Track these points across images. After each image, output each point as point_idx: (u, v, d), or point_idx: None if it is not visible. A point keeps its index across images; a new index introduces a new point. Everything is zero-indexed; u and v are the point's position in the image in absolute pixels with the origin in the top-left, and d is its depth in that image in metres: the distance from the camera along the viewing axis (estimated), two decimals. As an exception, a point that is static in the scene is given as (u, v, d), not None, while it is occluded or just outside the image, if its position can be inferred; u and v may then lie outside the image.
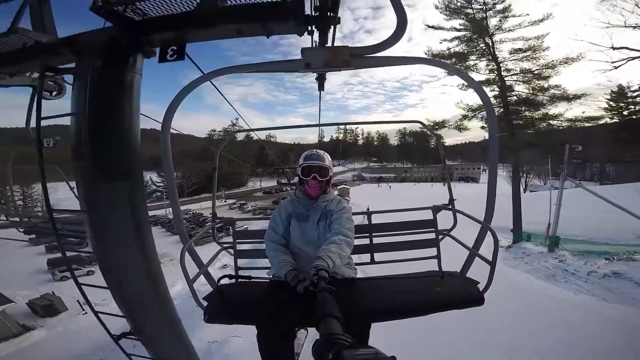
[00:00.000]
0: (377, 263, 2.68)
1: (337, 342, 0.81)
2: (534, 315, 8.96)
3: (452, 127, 19.91)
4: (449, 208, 2.80)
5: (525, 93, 17.50)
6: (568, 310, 9.39)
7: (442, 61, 2.45)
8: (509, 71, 17.75)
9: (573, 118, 17.28)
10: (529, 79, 17.55)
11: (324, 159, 2.04)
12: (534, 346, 7.52)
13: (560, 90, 17.12)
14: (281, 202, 2.26)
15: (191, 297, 1.98)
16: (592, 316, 8.91)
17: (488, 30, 18.18)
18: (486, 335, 7.81)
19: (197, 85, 1.75)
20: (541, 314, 9.11)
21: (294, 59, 1.70)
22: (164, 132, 1.86)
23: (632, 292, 9.86)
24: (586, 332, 7.83)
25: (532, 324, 8.41)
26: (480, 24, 18.35)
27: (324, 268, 1.50)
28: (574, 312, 9.08)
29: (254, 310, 1.82)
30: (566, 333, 8.02)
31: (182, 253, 1.94)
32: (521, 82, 17.48)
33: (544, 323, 8.45)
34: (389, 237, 2.72)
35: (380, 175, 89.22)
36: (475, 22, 18.49)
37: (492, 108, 1.87)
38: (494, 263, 1.81)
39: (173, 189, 2.16)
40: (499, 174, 2.13)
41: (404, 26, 1.55)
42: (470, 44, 18.74)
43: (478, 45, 18.49)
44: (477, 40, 18.55)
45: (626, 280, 10.38)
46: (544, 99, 17.47)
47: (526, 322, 8.52)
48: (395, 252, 2.64)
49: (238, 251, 2.78)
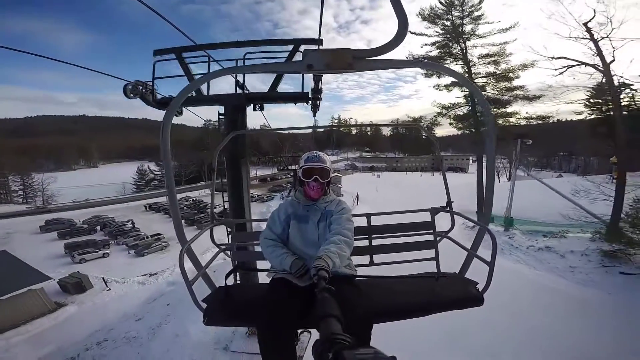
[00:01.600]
0: (376, 265, 2.63)
1: (337, 342, 0.81)
2: (473, 276, 11.42)
3: (427, 122, 22.14)
4: (447, 210, 2.79)
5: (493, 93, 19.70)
6: (503, 274, 11.76)
7: (443, 65, 2.53)
8: (477, 74, 19.89)
9: (527, 116, 19.64)
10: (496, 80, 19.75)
11: (325, 161, 2.07)
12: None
13: (522, 91, 19.41)
14: (280, 203, 2.25)
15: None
16: (522, 280, 11.21)
17: (463, 37, 20.20)
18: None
19: (200, 84, 1.85)
20: (480, 275, 11.57)
21: (296, 61, 1.72)
22: (164, 130, 1.82)
23: (555, 262, 12.40)
24: (515, 293, 9.81)
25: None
26: (457, 30, 20.31)
27: (324, 268, 1.48)
28: (508, 276, 11.01)
29: (254, 312, 1.80)
30: (496, 291, 10.44)
31: (181, 255, 1.92)
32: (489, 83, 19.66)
33: (480, 282, 10.90)
34: (388, 239, 2.71)
35: (373, 165, 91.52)
36: (454, 28, 20.44)
37: (489, 108, 1.88)
38: (493, 264, 1.85)
39: (174, 198, 2.05)
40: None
41: (406, 29, 1.56)
42: (445, 49, 20.75)
43: (453, 50, 20.52)
44: (452, 46, 20.57)
45: (553, 253, 12.90)
46: (510, 98, 19.75)
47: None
48: (394, 254, 2.63)
49: (236, 253, 2.76)
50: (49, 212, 41.15)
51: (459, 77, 1.92)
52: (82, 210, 42.58)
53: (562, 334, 8.18)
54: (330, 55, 1.65)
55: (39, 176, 56.69)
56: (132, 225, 31.84)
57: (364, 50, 1.65)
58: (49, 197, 54.43)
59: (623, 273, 10.69)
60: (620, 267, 10.97)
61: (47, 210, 42.01)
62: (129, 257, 23.97)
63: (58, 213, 40.00)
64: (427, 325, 3.23)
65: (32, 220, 37.09)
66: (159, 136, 1.81)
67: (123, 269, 20.60)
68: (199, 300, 1.94)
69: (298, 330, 2.01)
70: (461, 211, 2.80)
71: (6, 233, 32.18)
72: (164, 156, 1.88)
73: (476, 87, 1.87)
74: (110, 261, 22.82)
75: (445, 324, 4.85)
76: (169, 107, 1.78)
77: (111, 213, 38.94)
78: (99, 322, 14.04)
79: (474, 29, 20.21)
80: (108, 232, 29.87)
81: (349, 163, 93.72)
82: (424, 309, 1.95)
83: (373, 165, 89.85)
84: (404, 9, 1.51)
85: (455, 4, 20.39)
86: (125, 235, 27.82)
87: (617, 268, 10.95)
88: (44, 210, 42.29)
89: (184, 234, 2.10)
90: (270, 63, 1.94)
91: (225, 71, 1.84)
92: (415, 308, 1.95)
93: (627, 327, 8.40)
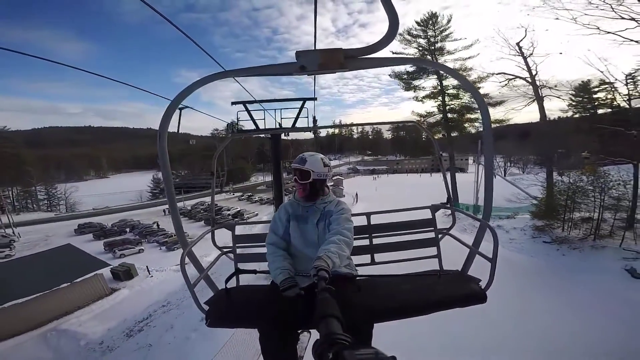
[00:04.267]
0: (377, 264, 2.62)
1: (337, 342, 0.81)
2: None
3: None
4: (447, 207, 2.78)
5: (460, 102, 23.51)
6: (458, 248, 15.66)
7: (435, 62, 2.42)
8: (447, 86, 23.72)
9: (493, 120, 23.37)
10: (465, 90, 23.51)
11: (305, 162, 2.03)
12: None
13: (487, 99, 23.15)
14: (281, 205, 2.25)
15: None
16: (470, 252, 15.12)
17: (435, 53, 24.02)
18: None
19: (193, 90, 1.79)
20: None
21: (289, 63, 1.72)
22: (161, 136, 1.85)
23: (501, 236, 16.09)
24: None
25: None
26: (430, 48, 24.13)
27: (323, 268, 1.47)
28: (461, 249, 15.11)
29: (255, 314, 1.82)
30: (447, 259, 14.35)
31: (182, 258, 1.93)
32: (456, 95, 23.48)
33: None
34: (389, 238, 2.70)
35: (374, 168, 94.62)
36: (428, 45, 24.26)
37: (485, 107, 1.85)
38: (495, 260, 1.83)
39: (173, 201, 2.13)
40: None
41: (396, 27, 1.54)
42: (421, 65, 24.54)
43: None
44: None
45: (502, 230, 16.64)
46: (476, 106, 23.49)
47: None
48: (395, 252, 2.62)
49: (238, 255, 2.78)
50: (78, 217, 45.63)
51: (451, 72, 2.01)
52: (107, 215, 46.90)
53: (494, 284, 12.01)
54: (322, 56, 1.67)
55: (61, 186, 61.54)
56: (157, 226, 35.90)
57: (355, 50, 1.66)
58: (72, 205, 59.00)
59: (545, 242, 14.40)
60: (544, 237, 14.69)
61: (77, 216, 46.52)
62: (160, 252, 27.96)
63: (88, 218, 44.39)
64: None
65: (63, 225, 41.53)
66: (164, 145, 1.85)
67: (158, 261, 24.43)
68: (201, 303, 1.99)
69: (298, 331, 1.96)
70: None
71: (46, 236, 36.57)
72: (162, 165, 2.00)
73: (472, 85, 1.88)
74: (146, 255, 26.72)
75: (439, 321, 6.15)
76: (165, 112, 1.82)
77: (134, 217, 43.05)
78: (147, 302, 17.99)
79: (444, 46, 24.10)
80: (138, 233, 34.00)
81: (351, 167, 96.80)
82: (425, 307, 1.94)
83: (374, 169, 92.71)
84: (394, 7, 1.52)
85: (429, 23, 24.28)
86: (153, 235, 31.86)
87: (541, 238, 14.71)
88: (74, 216, 46.85)
89: (185, 237, 2.19)
90: (262, 66, 1.87)
91: (218, 76, 1.81)
92: (416, 307, 1.94)
93: (539, 277, 12.10)
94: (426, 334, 7.87)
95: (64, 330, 15.94)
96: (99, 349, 14.34)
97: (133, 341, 14.19)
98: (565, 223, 14.52)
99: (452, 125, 23.69)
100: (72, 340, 15.06)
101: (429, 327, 6.82)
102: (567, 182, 15.08)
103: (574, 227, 14.20)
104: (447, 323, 6.67)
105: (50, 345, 15.00)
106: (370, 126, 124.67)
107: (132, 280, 21.20)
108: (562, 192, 15.27)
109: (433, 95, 24.17)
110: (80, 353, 14.15)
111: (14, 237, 35.17)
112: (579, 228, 14.08)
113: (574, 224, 14.20)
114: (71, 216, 47.67)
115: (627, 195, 13.81)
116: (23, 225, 40.48)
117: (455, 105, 23.88)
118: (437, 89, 23.91)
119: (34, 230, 39.21)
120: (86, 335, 15.36)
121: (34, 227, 41.36)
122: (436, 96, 23.98)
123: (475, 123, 23.54)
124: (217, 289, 2.37)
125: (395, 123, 43.57)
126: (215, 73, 1.80)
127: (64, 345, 14.88)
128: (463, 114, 23.85)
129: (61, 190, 60.94)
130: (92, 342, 14.82)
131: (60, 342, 15.10)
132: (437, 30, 24.25)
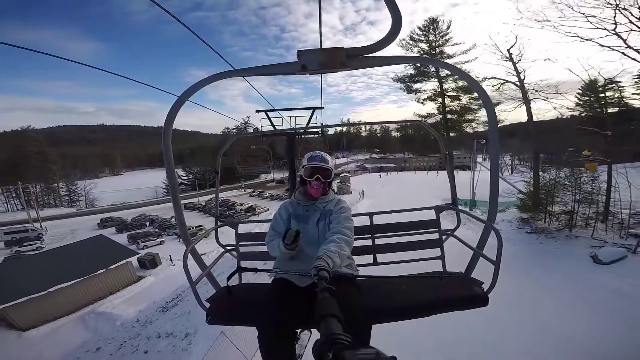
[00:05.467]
0: (379, 264, 2.61)
1: (338, 342, 0.81)
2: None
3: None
4: (452, 208, 2.79)
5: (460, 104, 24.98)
6: (463, 249, 17.59)
7: (439, 60, 2.54)
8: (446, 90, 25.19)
9: (484, 122, 24.88)
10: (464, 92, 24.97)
11: (327, 161, 2.08)
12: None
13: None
14: (281, 204, 2.26)
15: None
16: (465, 239, 16.81)
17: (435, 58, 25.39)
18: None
19: (199, 87, 1.82)
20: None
21: (290, 62, 1.73)
22: (166, 132, 1.86)
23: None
24: (458, 246, 15.45)
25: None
26: (431, 52, 25.52)
27: (324, 268, 1.48)
28: (466, 250, 16.83)
29: (255, 312, 1.79)
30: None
31: (185, 255, 1.95)
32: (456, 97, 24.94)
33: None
34: (392, 238, 2.68)
35: (381, 166, 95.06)
36: (430, 50, 25.67)
37: (491, 105, 1.81)
38: (498, 263, 1.83)
39: (177, 198, 2.15)
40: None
41: (399, 25, 1.53)
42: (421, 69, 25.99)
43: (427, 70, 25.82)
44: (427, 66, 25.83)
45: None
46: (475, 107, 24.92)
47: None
48: (398, 253, 2.60)
49: (241, 253, 2.77)
50: (99, 213, 48.47)
51: (456, 70, 1.96)
52: (125, 210, 49.57)
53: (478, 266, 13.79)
54: (324, 55, 1.65)
55: (81, 183, 64.81)
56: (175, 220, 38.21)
57: (357, 48, 1.64)
58: (91, 201, 62.02)
59: (527, 232, 15.96)
60: (527, 228, 16.24)
61: (97, 212, 49.42)
62: (180, 243, 29.56)
63: (107, 213, 47.04)
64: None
65: (85, 220, 44.33)
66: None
67: (178, 252, 25.91)
68: (202, 300, 2.01)
69: (298, 330, 1.96)
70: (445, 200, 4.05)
71: (71, 230, 39.20)
72: (166, 161, 1.95)
73: (476, 83, 1.81)
74: (166, 247, 28.89)
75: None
76: (170, 110, 1.83)
77: (152, 212, 45.29)
78: (172, 287, 19.56)
79: (443, 50, 25.48)
80: (157, 226, 36.40)
81: (359, 164, 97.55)
82: (425, 309, 1.94)
83: (382, 166, 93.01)
84: (397, 5, 1.49)
85: (430, 28, 25.71)
86: (172, 228, 34.10)
87: (525, 229, 16.24)
88: (94, 212, 49.75)
89: (189, 235, 2.24)
90: (265, 65, 1.79)
91: (223, 74, 1.80)
92: (416, 308, 1.94)
93: (514, 261, 13.62)
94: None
95: (101, 313, 17.63)
96: (136, 324, 16.19)
97: (170, 313, 15.95)
98: (546, 215, 16.04)
99: (450, 126, 25.12)
100: (109, 321, 16.77)
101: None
102: (547, 178, 16.66)
103: (554, 220, 15.68)
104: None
105: (89, 326, 16.68)
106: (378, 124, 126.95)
107: (157, 269, 23.24)
108: (542, 187, 16.89)
109: (434, 96, 25.65)
110: (118, 331, 15.94)
111: (42, 231, 37.57)
112: (559, 220, 15.55)
113: (555, 216, 15.67)
114: (91, 211, 50.76)
115: (599, 190, 15.25)
116: (48, 220, 43.07)
117: (454, 106, 25.29)
118: (438, 91, 25.36)
119: (58, 225, 41.87)
120: (121, 316, 17.07)
121: (58, 221, 44.05)
122: (436, 98, 25.45)
123: (472, 123, 25.00)
124: (220, 286, 2.42)
125: (400, 122, 43.89)
126: (221, 72, 1.82)
127: (101, 325, 16.59)
128: (462, 114, 25.24)
129: (81, 187, 64.14)
130: (127, 322, 16.50)
131: (98, 323, 16.83)
132: (438, 35, 25.65)
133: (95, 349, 14.57)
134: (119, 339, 15.17)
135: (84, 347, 14.77)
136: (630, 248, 12.64)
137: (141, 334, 15.09)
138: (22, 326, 15.95)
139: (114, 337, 15.37)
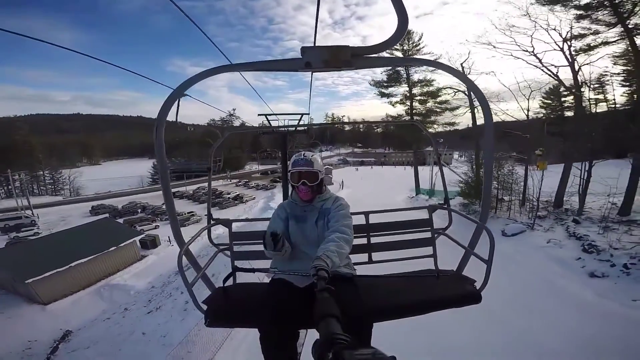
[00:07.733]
0: (374, 262, 2.66)
1: (337, 342, 0.82)
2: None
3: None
4: (444, 207, 2.90)
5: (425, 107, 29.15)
6: (411, 215, 21.71)
7: (443, 63, 2.41)
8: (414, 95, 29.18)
9: (443, 123, 29.34)
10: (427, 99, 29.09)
11: (312, 163, 2.03)
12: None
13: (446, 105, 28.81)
14: (279, 204, 2.27)
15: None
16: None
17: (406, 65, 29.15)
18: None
19: (197, 81, 1.78)
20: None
21: (294, 58, 1.71)
22: (159, 126, 1.83)
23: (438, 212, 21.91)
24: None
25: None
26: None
27: (323, 268, 1.47)
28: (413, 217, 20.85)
29: (255, 313, 1.79)
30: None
31: (179, 257, 1.91)
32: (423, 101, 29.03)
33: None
34: (386, 237, 2.74)
35: (362, 160, 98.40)
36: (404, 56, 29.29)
37: (487, 104, 1.86)
38: (490, 261, 1.89)
39: (169, 195, 2.12)
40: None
41: (405, 26, 1.54)
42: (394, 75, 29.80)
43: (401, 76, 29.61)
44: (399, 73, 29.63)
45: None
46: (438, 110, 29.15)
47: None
48: (392, 252, 2.65)
49: (235, 252, 2.74)
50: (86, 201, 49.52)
51: (458, 74, 1.99)
52: (115, 198, 50.75)
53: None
54: (329, 53, 1.63)
55: (65, 171, 64.51)
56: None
57: (363, 48, 1.63)
58: (76, 190, 62.18)
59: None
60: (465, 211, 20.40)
61: (85, 200, 50.64)
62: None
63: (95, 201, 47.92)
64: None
65: (74, 208, 45.06)
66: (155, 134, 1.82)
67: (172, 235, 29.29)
68: (199, 302, 1.96)
69: (298, 330, 1.93)
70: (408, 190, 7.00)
71: (62, 217, 40.12)
72: (159, 157, 1.92)
73: (474, 85, 1.88)
74: (161, 231, 30.97)
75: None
76: (164, 103, 1.79)
77: (141, 200, 46.77)
78: (172, 265, 20.64)
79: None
80: (150, 213, 38.71)
81: (341, 158, 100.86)
82: (422, 307, 1.97)
83: (363, 160, 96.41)
84: (404, 7, 1.50)
85: (405, 39, 29.35)
86: (164, 214, 36.46)
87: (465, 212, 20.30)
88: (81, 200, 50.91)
89: (182, 235, 2.21)
90: (267, 61, 1.78)
91: (223, 69, 1.77)
92: (414, 306, 1.97)
93: (455, 235, 17.59)
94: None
95: (115, 285, 19.95)
96: (154, 289, 18.65)
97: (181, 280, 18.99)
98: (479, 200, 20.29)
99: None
100: (123, 292, 19.11)
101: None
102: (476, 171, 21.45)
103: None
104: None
105: (104, 297, 18.91)
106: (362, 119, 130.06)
107: (157, 248, 25.89)
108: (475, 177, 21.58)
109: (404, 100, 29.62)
110: (138, 294, 18.35)
111: (35, 218, 38.48)
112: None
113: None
114: (78, 199, 51.75)
115: (517, 181, 19.57)
116: (36, 207, 43.32)
117: (421, 109, 29.38)
118: (407, 95, 29.37)
119: (48, 213, 42.47)
120: (134, 286, 19.50)
121: (46, 209, 44.51)
122: (406, 101, 29.47)
123: (434, 125, 29.34)
124: (214, 287, 2.38)
125: (397, 122, 46.94)
126: (221, 66, 1.77)
127: (117, 296, 18.84)
128: (428, 116, 29.37)
129: (65, 175, 64.23)
130: (141, 291, 18.81)
131: (113, 294, 19.12)
132: (412, 44, 29.40)
133: (123, 309, 17.09)
134: (143, 300, 17.59)
135: (105, 314, 16.88)
136: (530, 226, 16.47)
137: (167, 287, 17.79)
138: (45, 300, 17.75)
139: (136, 300, 17.76)
